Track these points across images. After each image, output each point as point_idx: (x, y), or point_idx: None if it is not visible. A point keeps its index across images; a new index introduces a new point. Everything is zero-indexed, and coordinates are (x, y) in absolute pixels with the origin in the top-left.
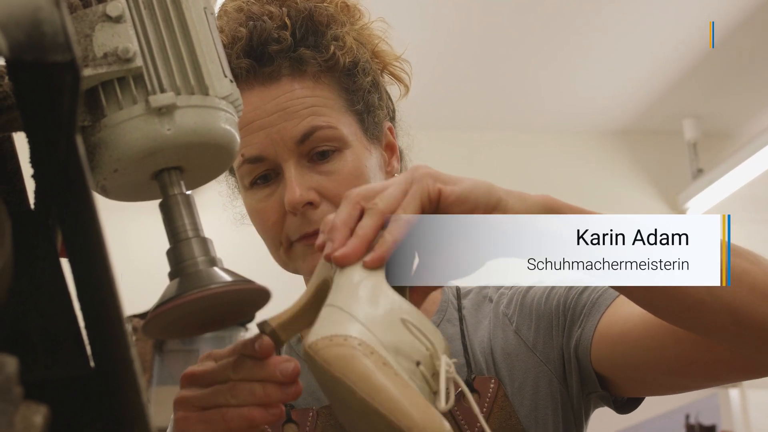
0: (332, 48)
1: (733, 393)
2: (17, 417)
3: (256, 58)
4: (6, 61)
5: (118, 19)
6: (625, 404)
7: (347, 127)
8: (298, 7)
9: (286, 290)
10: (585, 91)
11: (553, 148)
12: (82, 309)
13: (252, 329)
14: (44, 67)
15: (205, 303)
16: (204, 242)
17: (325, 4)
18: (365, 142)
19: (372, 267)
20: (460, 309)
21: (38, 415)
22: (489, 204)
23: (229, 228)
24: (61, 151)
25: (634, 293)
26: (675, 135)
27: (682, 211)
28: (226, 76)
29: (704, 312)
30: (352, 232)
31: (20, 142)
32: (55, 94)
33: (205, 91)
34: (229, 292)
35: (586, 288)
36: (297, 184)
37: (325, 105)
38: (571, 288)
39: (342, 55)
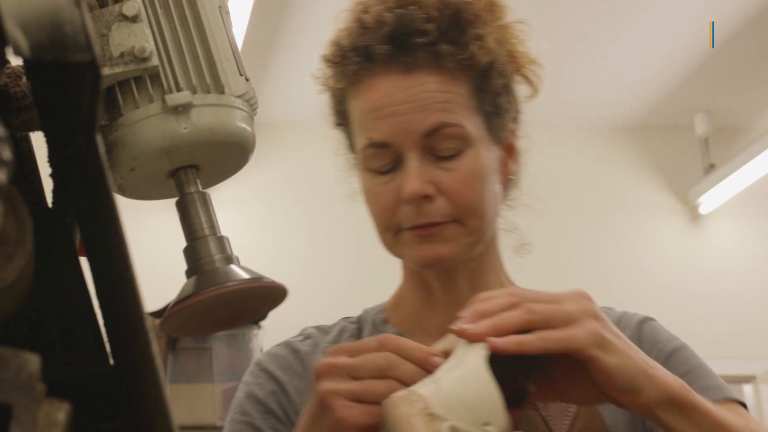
0: (473, 47)
1: (747, 389)
2: (40, 414)
3: (397, 46)
4: (26, 62)
5: (134, 19)
6: None
7: (474, 127)
8: (448, 0)
9: (302, 287)
10: (596, 87)
11: (564, 144)
12: (102, 306)
13: (266, 327)
14: (65, 68)
15: (222, 300)
16: (220, 240)
17: (473, 1)
18: (488, 143)
19: (492, 350)
20: None
21: (61, 412)
22: (627, 388)
23: (246, 225)
24: (80, 150)
25: None
26: (686, 130)
27: (694, 207)
28: (241, 75)
29: None
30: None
31: (36, 141)
32: (75, 94)
33: (220, 89)
34: (246, 290)
35: (695, 381)
36: (417, 175)
37: (457, 102)
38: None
39: (481, 56)
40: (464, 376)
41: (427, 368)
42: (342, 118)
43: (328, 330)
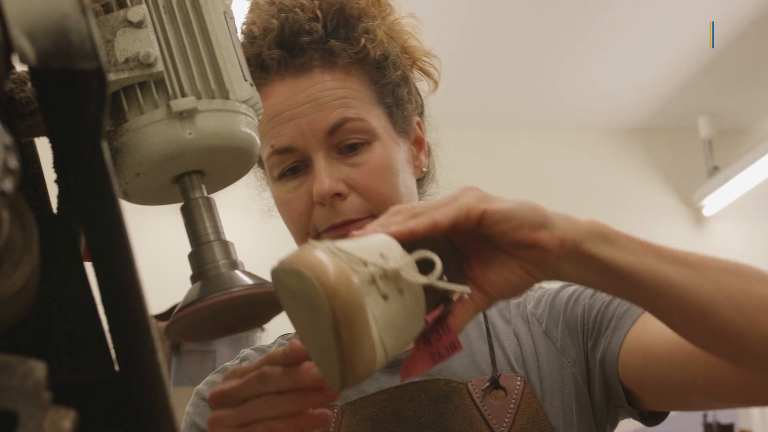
0: (363, 41)
1: None
2: (46, 421)
3: (287, 49)
4: (32, 69)
5: (139, 25)
6: (650, 416)
7: (376, 119)
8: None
9: None
10: (600, 89)
11: (568, 146)
12: (107, 312)
13: (270, 330)
14: (71, 75)
15: (227, 306)
16: (225, 245)
17: None
18: (394, 135)
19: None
20: None
21: (67, 419)
22: (535, 223)
23: (249, 227)
24: (86, 156)
25: (659, 309)
26: (690, 132)
27: (698, 209)
28: (246, 80)
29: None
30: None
31: (41, 146)
32: (81, 101)
33: (225, 95)
34: (250, 295)
35: (613, 299)
36: (326, 175)
37: (355, 97)
38: (596, 296)
39: (372, 48)
40: (357, 239)
41: (292, 359)
42: None
43: (265, 350)
